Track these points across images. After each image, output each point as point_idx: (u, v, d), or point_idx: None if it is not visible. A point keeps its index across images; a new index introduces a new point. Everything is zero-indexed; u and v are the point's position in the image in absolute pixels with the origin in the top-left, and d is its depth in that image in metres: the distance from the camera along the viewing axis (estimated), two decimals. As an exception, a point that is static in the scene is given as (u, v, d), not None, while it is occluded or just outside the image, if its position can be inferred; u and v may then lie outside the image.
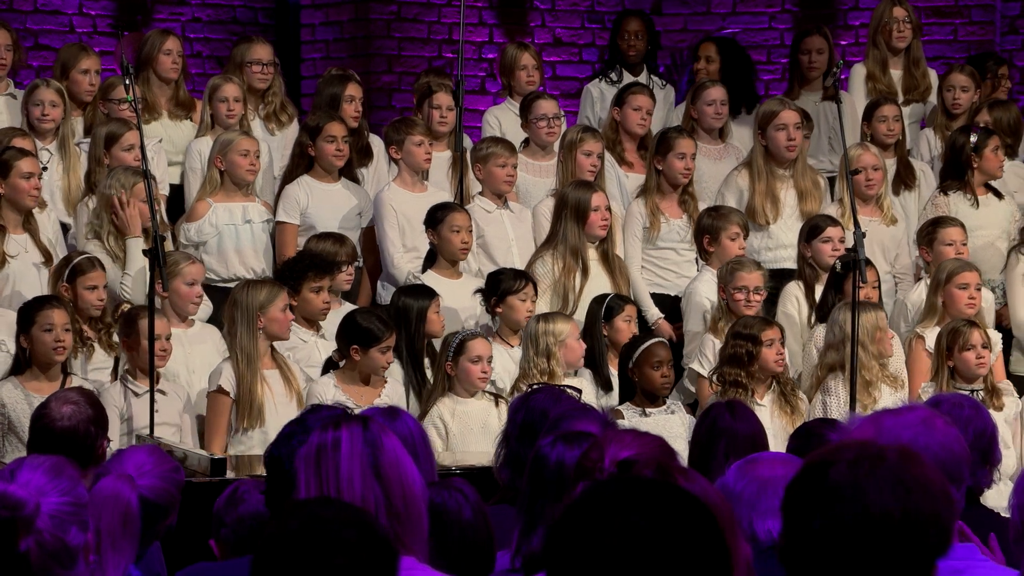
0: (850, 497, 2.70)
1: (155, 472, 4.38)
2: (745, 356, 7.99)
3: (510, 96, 10.36)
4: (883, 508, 2.70)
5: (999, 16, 11.98)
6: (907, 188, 9.86)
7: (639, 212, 9.24)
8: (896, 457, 2.75)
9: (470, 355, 7.82)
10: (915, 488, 2.72)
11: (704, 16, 12.08)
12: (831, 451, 2.78)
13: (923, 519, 2.71)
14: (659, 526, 2.51)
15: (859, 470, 2.72)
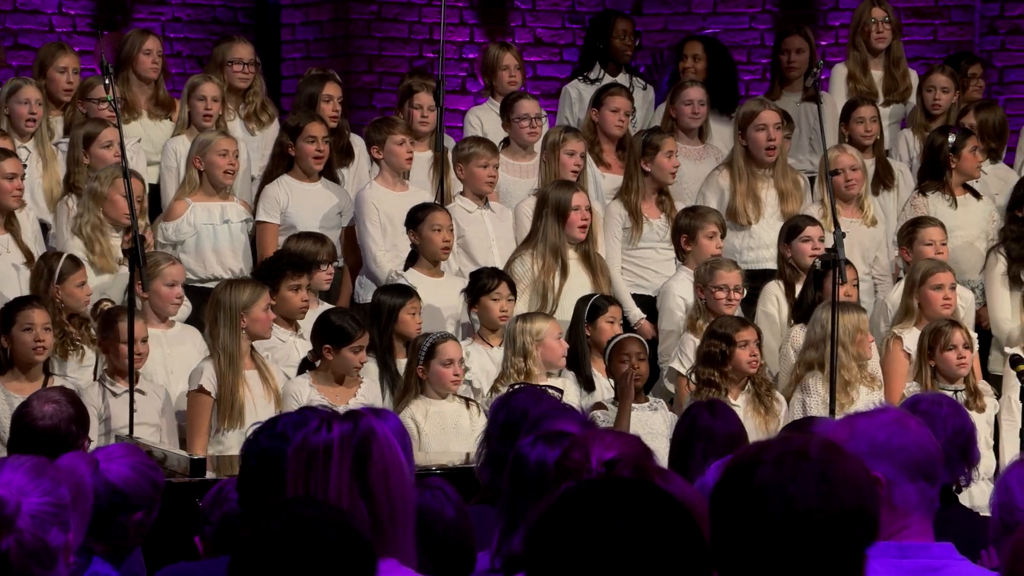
0: (775, 497, 2.71)
1: (125, 460, 4.37)
2: (719, 356, 8.02)
3: (491, 96, 10.37)
4: (808, 505, 2.71)
5: (978, 16, 12.02)
6: (886, 188, 9.89)
7: (619, 213, 9.25)
8: (819, 453, 2.76)
9: (442, 358, 7.84)
10: (839, 483, 2.74)
11: (684, 16, 12.10)
12: (755, 451, 2.78)
13: (848, 513, 2.73)
14: (638, 526, 2.52)
15: (783, 469, 2.73)
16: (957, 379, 8.11)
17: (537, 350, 8.02)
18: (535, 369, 7.99)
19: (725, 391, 7.99)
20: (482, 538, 4.22)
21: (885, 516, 3.24)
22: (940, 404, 5.37)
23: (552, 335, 8.06)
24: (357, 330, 7.80)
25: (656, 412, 8.06)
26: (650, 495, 2.57)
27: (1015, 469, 4.17)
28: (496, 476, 4.94)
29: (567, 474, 3.78)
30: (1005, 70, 12.03)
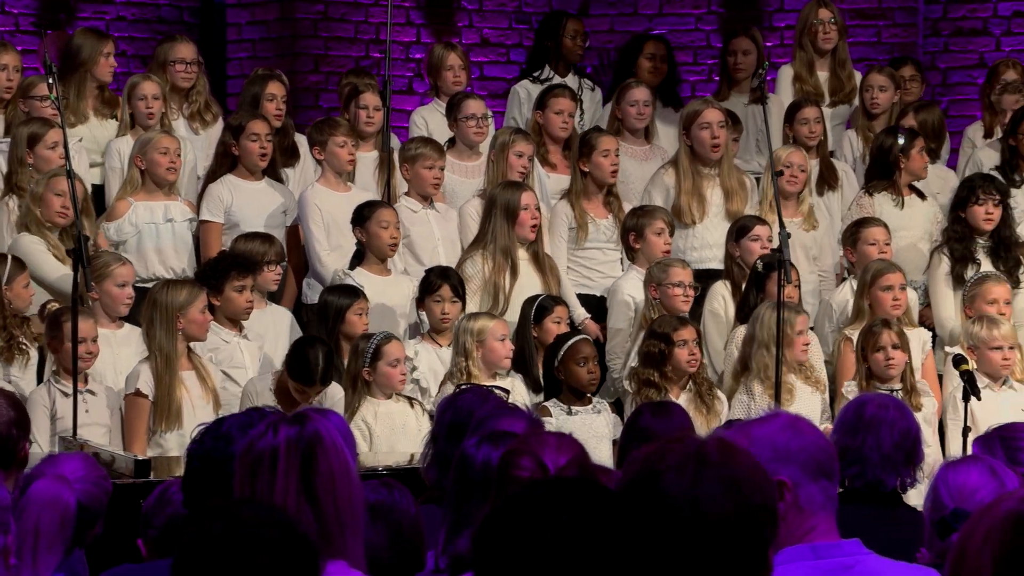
0: (683, 504, 2.71)
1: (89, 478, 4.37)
2: (658, 355, 8.04)
3: (437, 96, 10.36)
4: (717, 509, 2.72)
5: (921, 19, 12.09)
6: (830, 189, 9.94)
7: (565, 213, 9.26)
8: (718, 455, 2.77)
9: (388, 359, 7.83)
10: (743, 483, 2.75)
11: (631, 17, 12.12)
12: (654, 459, 2.78)
13: (755, 512, 2.74)
14: (585, 525, 2.52)
15: (686, 475, 2.73)
16: (888, 380, 8.15)
17: (478, 351, 8.01)
18: (475, 370, 7.98)
19: (665, 391, 8.01)
20: (427, 538, 4.21)
21: (793, 518, 3.26)
22: (887, 407, 5.39)
23: (495, 336, 8.04)
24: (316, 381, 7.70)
25: (599, 415, 8.07)
26: (597, 495, 2.57)
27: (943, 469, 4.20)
28: (442, 476, 4.94)
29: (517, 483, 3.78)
30: (948, 71, 12.11)
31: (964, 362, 8.00)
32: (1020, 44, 11.95)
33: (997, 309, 8.56)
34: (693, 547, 2.70)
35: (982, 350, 8.30)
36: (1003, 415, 7.64)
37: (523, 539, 2.52)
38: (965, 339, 8.48)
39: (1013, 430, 4.53)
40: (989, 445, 4.46)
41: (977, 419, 7.75)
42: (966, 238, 9.07)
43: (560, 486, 2.60)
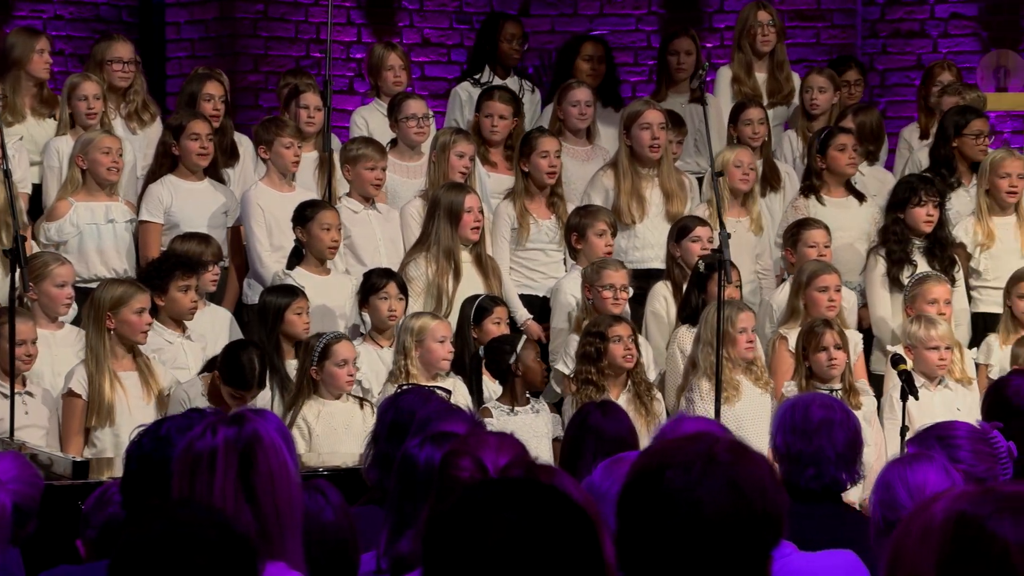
0: (686, 502, 2.71)
1: (22, 478, 4.34)
2: (594, 353, 8.06)
3: (378, 96, 10.34)
4: (718, 510, 2.71)
5: (860, 20, 12.17)
6: (772, 190, 9.98)
7: (507, 214, 9.27)
8: (728, 456, 2.77)
9: (336, 359, 7.81)
10: (747, 486, 2.74)
11: (571, 17, 12.13)
12: (662, 455, 2.79)
13: (756, 516, 2.74)
14: (534, 525, 2.52)
15: (692, 473, 2.73)
16: (829, 379, 8.19)
17: (417, 350, 8.00)
18: (413, 369, 7.96)
19: (604, 389, 8.03)
20: (370, 539, 4.20)
21: None
22: (833, 409, 5.41)
23: (434, 337, 8.02)
24: None
25: (539, 415, 8.07)
26: (544, 494, 2.58)
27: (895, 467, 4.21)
28: (384, 476, 4.93)
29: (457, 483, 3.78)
30: (887, 73, 12.19)
31: (902, 362, 8.05)
32: (957, 46, 12.05)
33: (937, 309, 8.61)
34: (691, 546, 2.69)
35: (919, 350, 8.36)
36: (938, 414, 7.70)
37: (471, 539, 2.52)
38: (903, 339, 8.54)
39: (950, 429, 4.56)
40: (925, 444, 4.49)
41: (914, 418, 7.80)
42: (904, 239, 9.13)
43: (508, 486, 2.60)
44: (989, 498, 2.51)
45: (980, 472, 4.38)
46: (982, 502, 2.51)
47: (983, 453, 4.47)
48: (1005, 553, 2.47)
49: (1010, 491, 2.54)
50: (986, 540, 2.49)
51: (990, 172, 9.36)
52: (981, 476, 4.36)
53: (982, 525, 2.50)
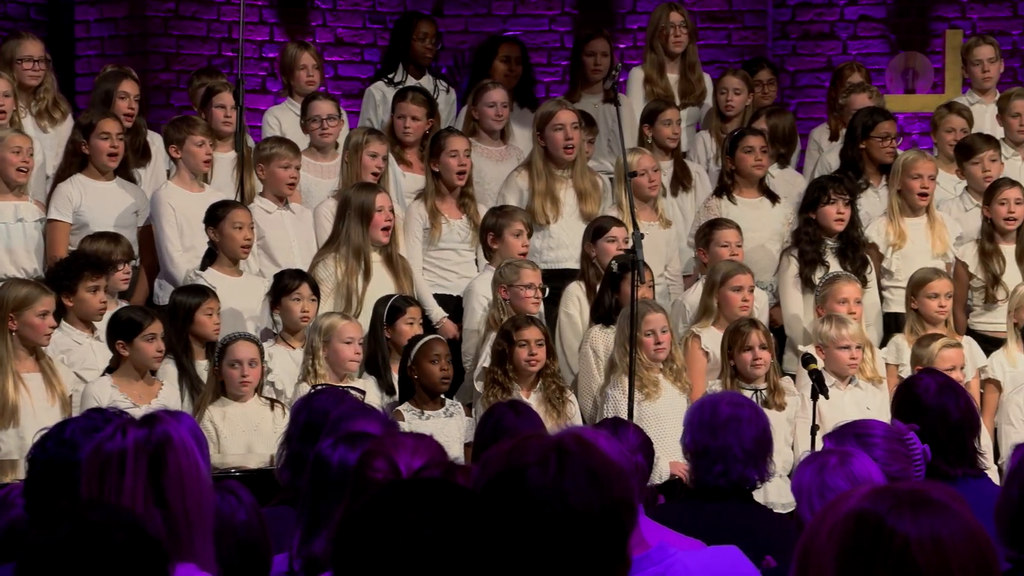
0: (551, 497, 2.73)
1: None
2: (502, 355, 8.07)
3: (290, 96, 10.30)
4: (585, 502, 2.74)
5: (770, 22, 12.26)
6: (684, 190, 10.03)
7: (419, 214, 9.26)
8: (577, 447, 2.80)
9: (229, 359, 7.80)
10: (604, 475, 2.78)
11: (485, 18, 12.14)
12: (514, 454, 2.79)
13: (617, 503, 2.78)
14: (445, 525, 2.52)
15: (550, 468, 2.75)
16: (753, 379, 8.24)
17: (324, 350, 7.97)
18: (321, 370, 7.94)
19: (511, 390, 8.03)
20: (283, 540, 4.18)
21: None
22: (741, 405, 5.45)
23: (342, 337, 7.99)
24: (145, 318, 7.77)
25: (452, 418, 8.06)
26: (456, 494, 2.58)
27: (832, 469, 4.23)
28: (296, 477, 4.91)
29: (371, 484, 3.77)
30: (797, 74, 12.29)
31: (813, 361, 8.11)
32: (866, 48, 12.17)
33: (848, 309, 8.68)
34: (559, 541, 2.71)
35: (830, 349, 8.42)
36: (849, 413, 7.76)
37: (382, 540, 2.52)
38: (814, 338, 8.61)
39: (867, 427, 4.60)
40: (843, 441, 4.52)
41: (824, 417, 7.86)
42: (816, 240, 9.20)
43: (419, 486, 2.60)
44: (889, 495, 2.54)
45: (894, 471, 4.43)
46: (882, 499, 2.54)
47: (898, 453, 4.52)
48: (904, 548, 2.50)
49: (910, 489, 2.57)
50: (885, 536, 2.52)
51: (902, 173, 9.45)
52: (895, 475, 4.41)
53: (881, 521, 2.53)
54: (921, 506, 2.52)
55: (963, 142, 9.89)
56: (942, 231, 9.44)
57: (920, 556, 2.49)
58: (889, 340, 9.07)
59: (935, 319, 8.84)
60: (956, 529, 2.51)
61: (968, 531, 2.52)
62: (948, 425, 5.51)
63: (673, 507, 5.80)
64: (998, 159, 9.78)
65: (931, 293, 8.85)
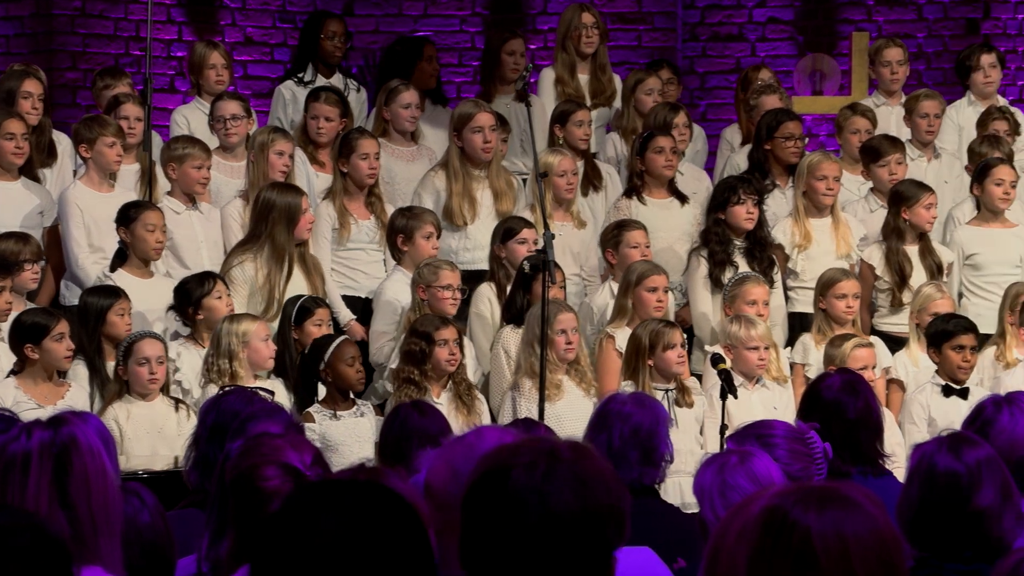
0: (531, 500, 2.73)
1: None
2: (419, 354, 8.06)
3: (199, 95, 10.24)
4: (565, 507, 2.74)
5: (680, 23, 12.32)
6: (595, 190, 10.06)
7: (327, 214, 9.23)
8: (571, 454, 2.80)
9: (137, 357, 7.75)
10: (592, 482, 2.77)
11: (396, 17, 12.12)
12: (506, 455, 2.80)
13: (602, 512, 2.77)
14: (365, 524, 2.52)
15: (537, 471, 2.76)
16: (674, 377, 8.26)
17: (243, 352, 7.93)
18: (241, 371, 7.90)
19: (426, 389, 8.03)
20: (191, 542, 4.15)
21: None
22: (626, 403, 5.48)
23: (259, 337, 7.97)
24: (51, 319, 7.72)
25: (363, 417, 8.04)
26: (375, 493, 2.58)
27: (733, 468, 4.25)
28: (205, 479, 4.88)
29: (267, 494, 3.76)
30: (706, 76, 12.36)
31: (721, 361, 8.15)
32: (774, 50, 12.26)
33: (756, 310, 8.74)
34: (539, 543, 2.71)
35: (739, 349, 8.47)
36: (757, 413, 7.82)
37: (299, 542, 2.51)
38: (722, 338, 8.65)
39: (768, 428, 4.64)
40: (744, 442, 4.56)
41: (733, 417, 7.90)
42: (725, 240, 9.25)
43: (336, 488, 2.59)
44: (798, 492, 2.57)
45: (795, 471, 4.47)
46: (790, 495, 2.56)
47: (799, 452, 4.56)
48: (806, 540, 2.52)
49: (819, 486, 2.59)
50: (788, 529, 2.54)
51: (807, 174, 9.53)
52: (796, 475, 4.45)
53: (786, 515, 2.55)
54: (828, 502, 2.55)
55: (870, 144, 9.99)
56: (846, 232, 9.53)
57: (821, 549, 2.51)
58: (795, 340, 9.14)
59: (842, 319, 8.92)
60: (861, 525, 2.54)
61: (874, 528, 2.54)
62: (844, 423, 5.58)
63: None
64: (904, 161, 9.90)
65: (839, 293, 8.93)
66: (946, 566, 3.94)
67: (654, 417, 5.42)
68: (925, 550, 3.93)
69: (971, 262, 9.54)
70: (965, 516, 3.95)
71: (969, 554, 3.95)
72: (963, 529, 3.95)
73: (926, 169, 10.27)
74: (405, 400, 7.51)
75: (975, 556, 3.95)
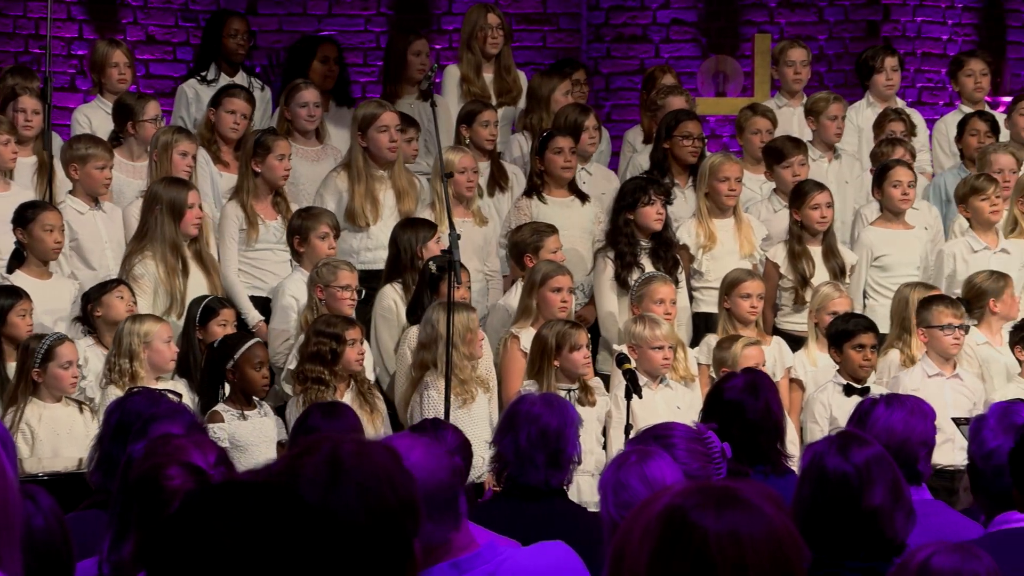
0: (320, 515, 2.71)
1: None
2: (328, 354, 8.04)
3: (100, 94, 10.15)
4: (352, 517, 2.75)
5: (585, 24, 12.37)
6: (501, 191, 10.08)
7: (235, 214, 9.18)
8: (353, 460, 2.80)
9: (60, 361, 7.66)
10: (378, 485, 2.79)
11: (300, 17, 12.08)
12: (290, 466, 2.80)
13: (392, 511, 2.79)
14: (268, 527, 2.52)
15: (319, 485, 2.76)
16: (579, 378, 8.29)
17: (144, 352, 7.87)
18: (142, 372, 7.84)
19: (334, 389, 8.02)
20: (93, 544, 4.12)
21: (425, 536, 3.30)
22: (535, 404, 5.50)
23: (161, 338, 7.91)
24: None
25: (267, 417, 8.01)
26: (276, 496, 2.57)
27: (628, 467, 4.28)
28: (108, 480, 4.85)
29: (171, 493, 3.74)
30: (611, 76, 12.42)
31: (627, 361, 8.18)
32: (678, 51, 12.34)
33: (664, 309, 8.78)
34: (333, 555, 2.70)
35: (643, 349, 8.51)
36: (661, 413, 7.87)
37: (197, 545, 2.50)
38: (627, 338, 8.69)
39: (666, 428, 4.67)
40: (644, 444, 4.58)
41: (637, 417, 7.95)
42: (633, 241, 9.28)
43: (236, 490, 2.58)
44: (698, 492, 2.58)
45: (694, 471, 4.50)
46: (690, 495, 2.58)
47: (697, 452, 4.59)
48: (704, 543, 2.54)
49: (720, 487, 2.61)
50: (687, 530, 2.56)
51: (709, 175, 9.60)
52: (695, 474, 4.48)
53: (685, 516, 2.57)
54: (726, 503, 2.57)
55: (773, 145, 10.08)
56: (749, 232, 9.61)
57: (716, 551, 2.54)
58: (700, 340, 9.20)
59: (746, 319, 8.99)
60: (757, 526, 2.56)
61: (770, 529, 2.56)
62: (743, 424, 5.63)
63: (484, 508, 5.83)
64: (806, 162, 10.00)
65: (744, 293, 9.00)
66: (846, 564, 3.98)
67: (563, 419, 5.44)
68: (819, 550, 3.97)
69: (879, 263, 9.65)
70: (857, 516, 3.99)
71: (863, 554, 4.00)
72: (856, 529, 3.99)
73: (827, 170, 10.38)
74: (316, 400, 7.50)
75: (869, 555, 4.00)
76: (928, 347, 8.74)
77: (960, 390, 8.67)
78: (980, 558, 3.56)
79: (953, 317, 8.67)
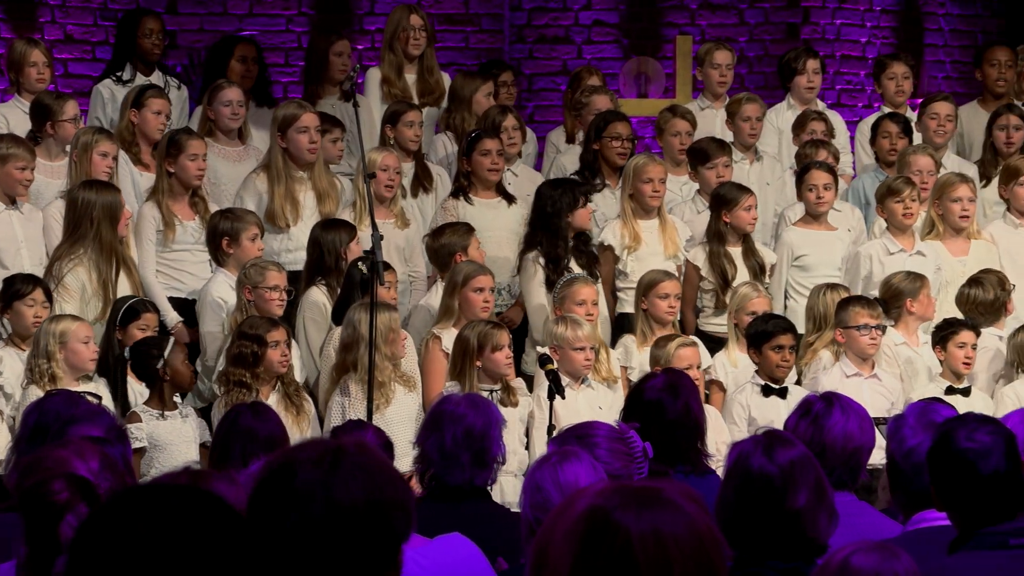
0: (318, 495, 2.76)
1: None
2: (251, 357, 8.01)
3: (18, 94, 10.06)
4: (351, 500, 2.77)
5: (507, 25, 12.38)
6: (425, 192, 10.07)
7: (152, 215, 9.12)
8: (355, 449, 2.84)
9: None
10: (377, 476, 2.81)
11: (221, 17, 12.01)
12: (291, 452, 2.83)
13: (387, 505, 2.81)
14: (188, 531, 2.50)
15: (323, 467, 2.78)
16: (501, 378, 8.29)
17: (61, 353, 7.81)
18: (59, 372, 7.77)
19: (257, 391, 7.98)
20: (10, 547, 4.09)
21: None
22: (460, 404, 5.51)
23: (78, 338, 7.85)
24: None
25: (187, 419, 7.97)
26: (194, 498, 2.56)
27: (544, 468, 4.30)
28: (24, 484, 4.79)
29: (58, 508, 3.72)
30: (533, 77, 12.44)
31: (549, 362, 8.19)
32: (600, 52, 12.38)
33: (586, 310, 8.79)
34: (326, 538, 2.72)
35: (565, 350, 8.52)
36: (583, 413, 7.89)
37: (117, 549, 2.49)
38: (549, 339, 8.70)
39: (588, 428, 4.69)
40: (566, 444, 4.60)
41: (560, 417, 7.96)
42: (566, 244, 9.27)
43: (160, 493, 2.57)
44: (620, 492, 2.59)
45: (616, 470, 4.52)
46: (612, 496, 2.59)
47: (619, 452, 4.61)
48: (627, 543, 2.55)
49: (641, 486, 2.62)
50: (611, 531, 2.57)
51: (633, 177, 9.63)
52: (617, 474, 4.50)
53: (607, 516, 2.58)
54: (648, 502, 2.58)
55: (697, 146, 10.12)
56: (673, 233, 9.65)
57: (640, 551, 2.55)
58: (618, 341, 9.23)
59: (664, 320, 9.03)
60: (679, 525, 2.57)
61: (692, 528, 2.57)
62: (663, 423, 5.66)
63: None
64: (730, 164, 10.06)
65: (661, 294, 9.03)
66: (768, 563, 4.01)
67: (487, 419, 5.45)
68: (743, 549, 3.99)
69: (799, 263, 9.72)
70: (780, 516, 4.02)
71: (786, 554, 4.02)
72: (779, 529, 4.02)
73: (749, 171, 10.44)
74: (238, 401, 7.46)
75: (792, 555, 4.03)
76: (846, 347, 8.80)
77: (878, 390, 8.74)
78: (899, 557, 3.60)
79: (870, 317, 8.74)
